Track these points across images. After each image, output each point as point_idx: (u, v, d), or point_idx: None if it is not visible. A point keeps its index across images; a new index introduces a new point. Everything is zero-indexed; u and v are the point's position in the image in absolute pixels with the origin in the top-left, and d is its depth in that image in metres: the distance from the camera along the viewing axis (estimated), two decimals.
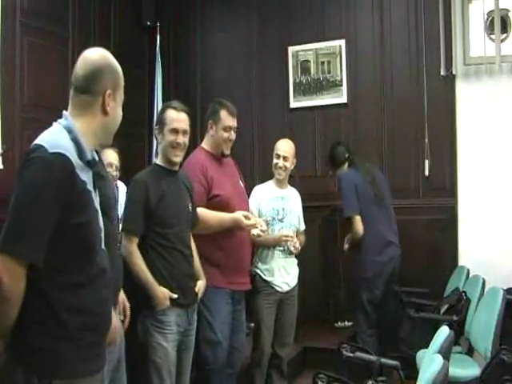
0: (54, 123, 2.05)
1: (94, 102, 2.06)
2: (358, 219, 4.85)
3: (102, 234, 2.14)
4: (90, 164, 2.03)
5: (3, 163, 4.14)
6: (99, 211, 2.10)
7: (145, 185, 3.27)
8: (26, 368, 1.90)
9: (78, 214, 1.93)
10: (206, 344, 3.68)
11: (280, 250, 4.29)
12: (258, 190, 4.42)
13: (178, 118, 3.38)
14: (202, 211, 3.64)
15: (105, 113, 2.08)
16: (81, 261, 1.98)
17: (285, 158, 4.34)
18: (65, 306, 1.93)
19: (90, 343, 2.02)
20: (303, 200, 4.59)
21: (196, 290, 3.47)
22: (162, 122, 3.40)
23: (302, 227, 4.53)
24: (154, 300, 3.23)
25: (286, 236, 4.25)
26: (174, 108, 3.41)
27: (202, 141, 3.99)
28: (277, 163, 4.35)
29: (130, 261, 3.20)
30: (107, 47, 2.21)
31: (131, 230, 3.27)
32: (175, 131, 3.36)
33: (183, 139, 3.38)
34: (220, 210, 3.73)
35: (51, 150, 1.87)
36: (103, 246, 2.15)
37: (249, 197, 4.26)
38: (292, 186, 4.61)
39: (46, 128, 2.05)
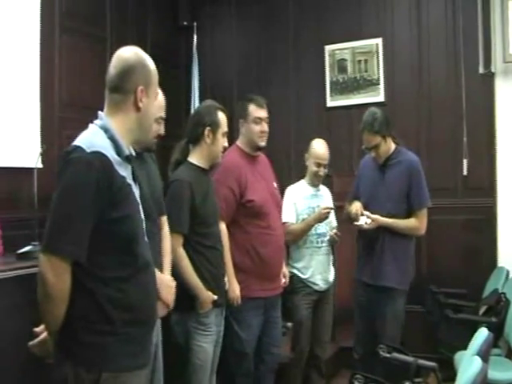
0: (90, 124, 2.11)
1: (126, 100, 2.10)
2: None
3: (144, 225, 2.18)
4: (129, 159, 2.10)
5: (43, 162, 4.20)
6: (140, 203, 2.14)
7: (189, 184, 3.28)
8: (74, 361, 1.97)
9: (118, 209, 1.98)
10: (231, 352, 3.69)
11: (316, 247, 4.28)
12: (292, 189, 4.43)
13: (225, 120, 3.47)
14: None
15: (137, 109, 2.12)
16: (123, 254, 2.03)
17: (325, 166, 4.35)
18: (110, 302, 1.99)
19: (136, 338, 2.07)
20: (340, 199, 4.58)
21: (226, 287, 3.50)
22: (216, 125, 3.42)
23: (334, 223, 4.54)
24: (201, 303, 3.24)
25: (326, 208, 4.22)
26: (223, 111, 3.48)
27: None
28: (317, 171, 4.35)
29: (177, 263, 3.18)
30: (144, 48, 2.24)
31: (179, 229, 3.24)
32: (225, 134, 3.44)
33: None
34: (252, 215, 3.71)
35: (89, 150, 1.94)
36: (146, 239, 2.18)
37: (282, 197, 4.25)
38: (328, 185, 4.62)
39: (84, 127, 2.12)
